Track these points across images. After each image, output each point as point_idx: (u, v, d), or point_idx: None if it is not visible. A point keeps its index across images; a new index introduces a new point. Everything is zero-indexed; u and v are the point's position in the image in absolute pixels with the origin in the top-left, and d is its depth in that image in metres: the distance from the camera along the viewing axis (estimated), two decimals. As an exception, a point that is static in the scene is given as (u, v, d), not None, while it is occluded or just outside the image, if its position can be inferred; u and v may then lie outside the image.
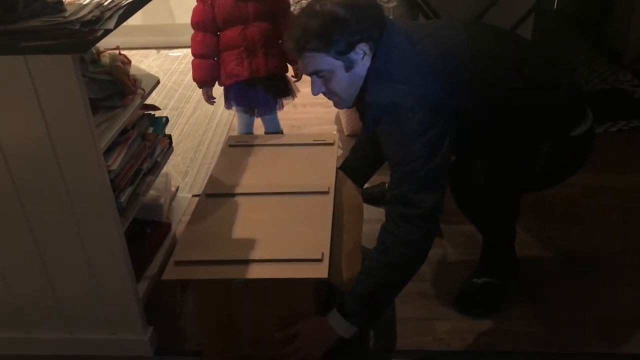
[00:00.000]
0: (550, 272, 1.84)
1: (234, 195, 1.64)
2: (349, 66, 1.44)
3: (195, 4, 2.08)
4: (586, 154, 1.61)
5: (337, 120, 2.80)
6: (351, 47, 1.42)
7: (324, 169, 1.75)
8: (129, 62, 1.61)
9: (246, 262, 1.40)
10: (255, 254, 1.42)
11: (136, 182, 1.51)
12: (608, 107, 2.84)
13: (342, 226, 1.61)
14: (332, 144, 1.88)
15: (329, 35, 1.40)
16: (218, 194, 1.65)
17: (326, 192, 1.64)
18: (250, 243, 1.46)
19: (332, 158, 1.81)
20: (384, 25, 1.47)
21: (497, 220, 1.63)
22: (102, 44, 1.25)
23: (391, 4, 2.29)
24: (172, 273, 1.41)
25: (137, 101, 1.52)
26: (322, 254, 1.40)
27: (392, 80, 1.42)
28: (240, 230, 1.51)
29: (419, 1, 2.35)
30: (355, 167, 1.93)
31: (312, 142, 1.89)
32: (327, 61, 1.44)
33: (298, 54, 1.48)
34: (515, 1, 2.60)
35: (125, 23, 1.29)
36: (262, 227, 1.52)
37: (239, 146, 1.89)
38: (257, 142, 1.93)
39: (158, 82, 1.68)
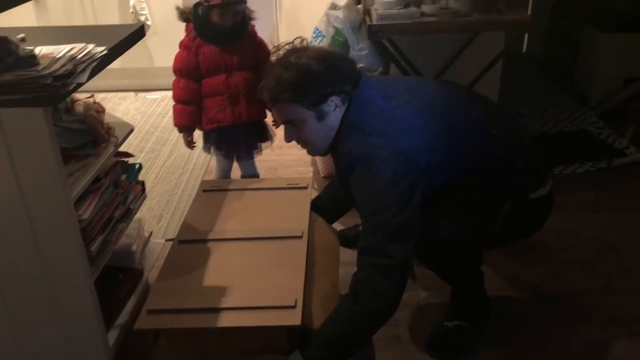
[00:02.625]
0: (522, 312, 1.86)
1: (207, 241, 1.65)
2: (320, 117, 1.49)
3: (177, 50, 2.13)
4: (544, 216, 1.66)
5: (314, 163, 2.84)
6: (323, 99, 1.47)
7: (297, 213, 1.77)
8: (103, 110, 1.64)
9: (219, 310, 1.39)
10: (228, 302, 1.41)
11: (107, 230, 1.52)
12: (576, 149, 2.93)
13: (317, 269, 1.62)
14: (305, 188, 1.90)
15: (302, 87, 1.46)
16: (191, 240, 1.65)
17: (299, 237, 1.65)
18: (223, 290, 1.46)
19: (305, 202, 1.83)
20: (358, 79, 1.52)
21: (459, 273, 1.68)
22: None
23: (363, 52, 2.36)
24: (144, 322, 1.39)
25: (110, 149, 1.54)
26: (295, 300, 1.40)
27: (365, 133, 1.46)
28: (213, 277, 1.51)
29: (391, 49, 2.42)
30: (326, 206, 1.96)
31: (286, 186, 1.92)
32: (299, 111, 1.49)
33: (271, 103, 1.53)
34: (485, 45, 2.68)
35: None
36: (235, 274, 1.52)
37: (213, 191, 1.91)
38: (231, 186, 1.94)
39: (132, 130, 1.70)
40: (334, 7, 2.43)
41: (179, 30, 2.16)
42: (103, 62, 1.32)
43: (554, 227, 2.20)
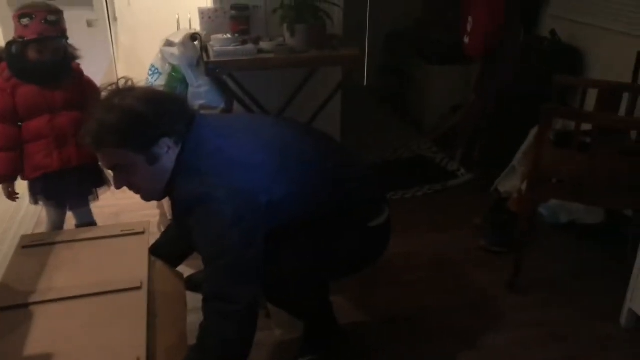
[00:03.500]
0: (375, 336, 1.91)
1: (30, 305, 1.45)
2: (152, 160, 1.41)
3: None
4: (384, 242, 1.72)
5: (160, 205, 2.71)
6: (153, 142, 1.40)
7: (134, 261, 1.65)
8: None
9: None
10: None
11: None
12: (414, 174, 3.14)
13: (161, 320, 1.50)
14: (142, 233, 1.78)
15: (127, 130, 1.37)
16: (10, 307, 1.44)
17: (138, 288, 1.54)
18: (53, 359, 1.30)
19: (143, 248, 1.71)
20: (191, 119, 1.47)
21: (307, 307, 1.67)
22: None
23: (202, 89, 2.32)
24: None
25: None
26: (137, 358, 1.29)
27: (201, 173, 1.41)
28: (40, 346, 1.33)
29: (232, 86, 2.42)
30: (166, 252, 1.85)
31: (120, 232, 1.78)
32: (126, 156, 1.40)
33: (95, 148, 1.42)
34: (325, 80, 2.79)
35: None
36: (66, 339, 1.36)
37: (35, 246, 1.71)
38: (56, 239, 1.75)
39: None
40: (169, 43, 2.37)
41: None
42: None
43: (396, 249, 2.31)
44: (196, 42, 2.37)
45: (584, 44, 2.88)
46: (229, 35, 2.43)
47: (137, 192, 1.51)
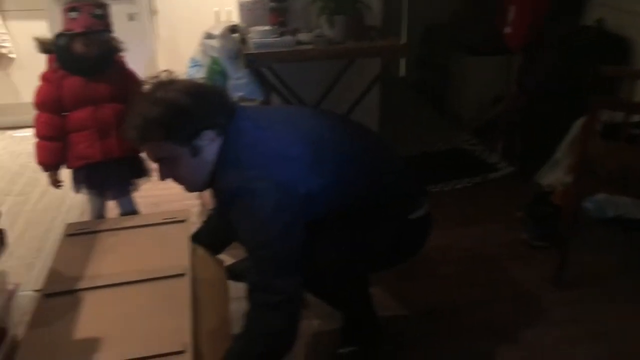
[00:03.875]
0: (413, 329, 1.90)
1: (77, 291, 1.49)
2: (194, 152, 1.42)
3: (40, 82, 1.98)
4: (425, 235, 1.70)
5: (200, 195, 2.75)
6: (195, 134, 1.41)
7: (177, 249, 1.67)
8: (-51, 154, 1.46)
9: None
10: (108, 356, 1.28)
11: (-43, 289, 1.34)
12: (453, 166, 3.09)
13: (204, 307, 1.52)
14: (183, 221, 1.80)
15: (171, 123, 1.38)
16: (59, 293, 1.49)
17: (182, 275, 1.56)
18: (101, 345, 1.32)
19: (184, 236, 1.73)
20: (232, 112, 1.47)
21: (347, 299, 1.67)
22: None
23: (242, 81, 2.33)
24: None
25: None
26: (184, 344, 1.31)
27: (242, 165, 1.42)
28: (89, 331, 1.37)
29: (270, 78, 2.43)
30: (206, 242, 1.87)
31: (162, 221, 1.80)
32: (171, 148, 1.42)
33: (140, 142, 1.44)
34: (363, 72, 2.78)
35: None
36: (113, 324, 1.39)
37: (80, 234, 1.74)
38: (100, 227, 1.78)
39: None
40: (209, 36, 2.39)
41: (46, 63, 2.01)
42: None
43: (436, 242, 2.29)
44: (235, 35, 2.38)
45: (632, 34, 2.78)
46: (267, 27, 2.44)
47: (180, 184, 1.53)
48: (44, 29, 2.98)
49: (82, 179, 2.06)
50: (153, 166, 2.13)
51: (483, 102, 3.52)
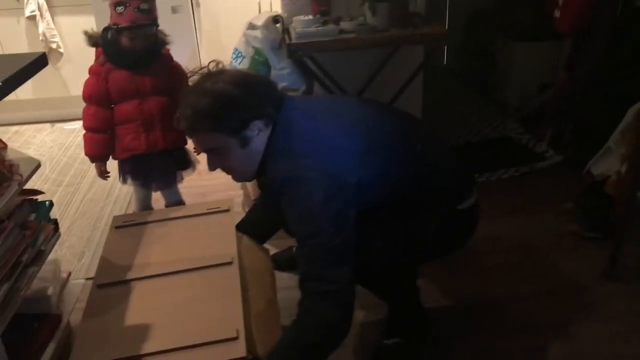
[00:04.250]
0: (458, 322, 1.87)
1: (128, 281, 1.53)
2: (244, 143, 1.43)
3: (88, 76, 2.02)
4: (473, 225, 1.67)
5: (244, 186, 2.77)
6: (245, 124, 1.41)
7: (223, 237, 1.68)
8: (5, 146, 1.51)
9: (155, 354, 1.28)
10: (163, 344, 1.31)
11: (14, 276, 1.39)
12: (500, 155, 3.02)
13: (252, 294, 1.54)
14: (227, 211, 1.81)
15: (221, 114, 1.39)
16: (110, 283, 1.52)
17: (229, 263, 1.57)
18: (155, 333, 1.35)
19: (229, 225, 1.75)
20: (280, 102, 1.47)
21: (394, 290, 1.65)
22: None
23: (285, 71, 2.33)
24: None
25: (14, 188, 1.42)
26: (237, 331, 1.32)
27: (292, 155, 1.41)
28: (142, 319, 1.40)
29: (313, 67, 2.41)
30: (253, 231, 1.87)
31: (206, 211, 1.82)
32: (220, 139, 1.42)
33: (190, 133, 1.46)
34: (406, 60, 2.73)
35: (14, 97, 1.22)
36: (165, 313, 1.42)
37: (127, 226, 1.78)
38: (145, 219, 1.81)
39: (38, 166, 1.58)
40: (252, 26, 2.39)
41: (93, 57, 2.06)
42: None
43: (483, 233, 2.24)
44: (278, 25, 2.38)
45: (692, 15, 2.64)
46: (310, 17, 2.43)
47: (229, 173, 1.54)
48: (91, 23, 3.04)
49: (127, 171, 2.10)
50: (197, 158, 2.17)
51: (530, 90, 3.42)
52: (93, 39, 2.00)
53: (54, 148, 3.39)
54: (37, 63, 1.48)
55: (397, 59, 2.74)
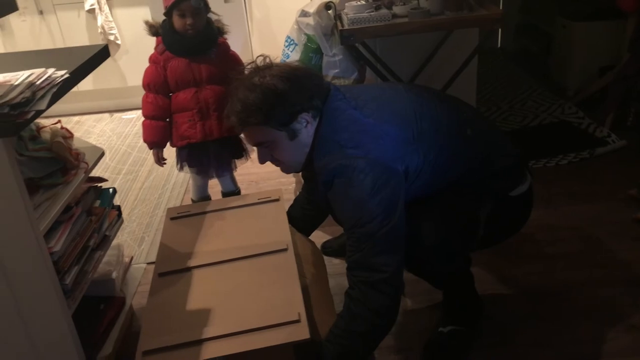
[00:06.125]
0: (514, 310, 1.83)
1: (188, 269, 1.56)
2: (292, 135, 1.45)
3: (147, 65, 2.08)
4: (526, 212, 1.64)
5: (296, 173, 2.79)
6: (293, 117, 1.43)
7: (276, 226, 1.71)
8: (71, 135, 1.58)
9: (220, 337, 1.31)
10: (228, 328, 1.33)
11: (83, 260, 1.46)
12: (557, 140, 2.92)
13: (309, 280, 1.56)
14: (278, 200, 1.84)
15: (269, 108, 1.41)
16: (171, 272, 1.56)
17: (285, 249, 1.59)
18: (218, 317, 1.38)
19: (281, 214, 1.77)
20: (327, 93, 1.48)
21: (448, 278, 1.64)
22: (52, 111, 1.21)
23: (337, 58, 2.32)
24: None
25: (81, 176, 1.48)
26: (299, 314, 1.34)
27: (339, 145, 1.42)
28: (205, 305, 1.43)
29: (365, 53, 2.39)
30: (298, 223, 1.89)
31: (257, 200, 1.84)
32: (269, 133, 1.45)
33: (240, 127, 1.48)
34: (460, 43, 2.67)
35: (75, 89, 1.27)
36: (227, 298, 1.45)
37: (181, 217, 1.81)
38: (199, 210, 1.84)
39: (102, 154, 1.64)
40: (304, 14, 2.39)
41: (150, 48, 2.11)
42: (65, 86, 1.26)
43: (540, 220, 2.20)
44: (330, 11, 2.36)
45: None
46: (362, 2, 2.40)
47: (278, 165, 1.56)
48: (147, 15, 3.11)
49: (184, 158, 2.15)
50: (251, 147, 2.20)
51: (591, 72, 3.29)
52: (154, 29, 2.05)
53: (113, 137, 3.51)
54: (100, 55, 1.53)
55: (451, 43, 2.68)
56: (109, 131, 3.63)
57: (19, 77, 1.24)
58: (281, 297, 1.41)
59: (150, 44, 2.12)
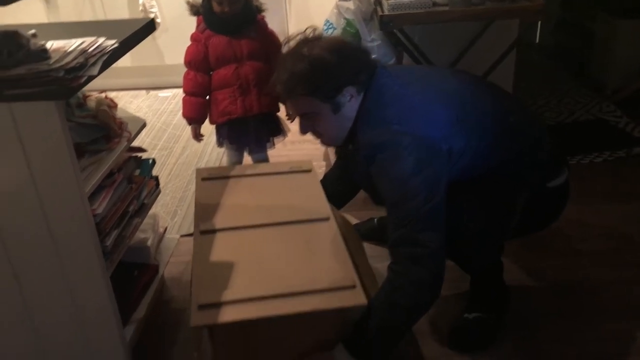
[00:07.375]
0: (541, 305, 1.82)
1: (230, 229, 1.54)
2: (336, 108, 1.46)
3: (187, 44, 2.13)
4: (561, 205, 1.63)
5: (326, 157, 2.81)
6: (338, 90, 1.44)
7: (313, 195, 1.69)
8: (115, 105, 1.63)
9: (276, 297, 1.29)
10: (281, 288, 1.31)
11: (122, 225, 1.51)
12: (593, 138, 2.88)
13: (353, 250, 1.54)
14: (309, 171, 1.82)
15: (316, 79, 1.43)
16: (213, 230, 1.54)
17: (327, 219, 1.58)
18: (269, 278, 1.36)
19: (316, 184, 1.75)
20: (373, 69, 1.49)
21: (480, 264, 1.65)
22: (91, 86, 1.26)
23: (375, 43, 2.33)
24: (200, 318, 1.26)
25: (123, 144, 1.53)
26: (354, 279, 1.34)
27: (384, 121, 1.43)
28: (254, 265, 1.41)
29: (403, 39, 2.39)
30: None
31: (289, 170, 1.83)
32: (314, 104, 1.47)
33: (285, 97, 1.51)
34: (498, 35, 2.65)
35: (114, 65, 1.31)
36: (276, 260, 1.42)
37: (213, 179, 1.79)
38: (230, 173, 1.83)
39: (144, 125, 1.69)
40: (344, -2, 2.40)
41: (189, 27, 2.16)
42: (114, 55, 1.30)
43: (572, 217, 2.17)
44: (371, -4, 2.37)
45: None
46: (403, -12, 2.40)
47: (319, 138, 1.58)
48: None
49: (225, 135, 2.19)
50: (288, 127, 2.23)
51: (632, 71, 3.22)
52: (195, 8, 2.09)
53: (149, 114, 3.57)
54: (146, 28, 1.57)
55: (490, 34, 2.66)
56: (145, 107, 3.69)
57: (71, 44, 1.28)
58: (332, 263, 1.40)
59: (188, 23, 2.16)
